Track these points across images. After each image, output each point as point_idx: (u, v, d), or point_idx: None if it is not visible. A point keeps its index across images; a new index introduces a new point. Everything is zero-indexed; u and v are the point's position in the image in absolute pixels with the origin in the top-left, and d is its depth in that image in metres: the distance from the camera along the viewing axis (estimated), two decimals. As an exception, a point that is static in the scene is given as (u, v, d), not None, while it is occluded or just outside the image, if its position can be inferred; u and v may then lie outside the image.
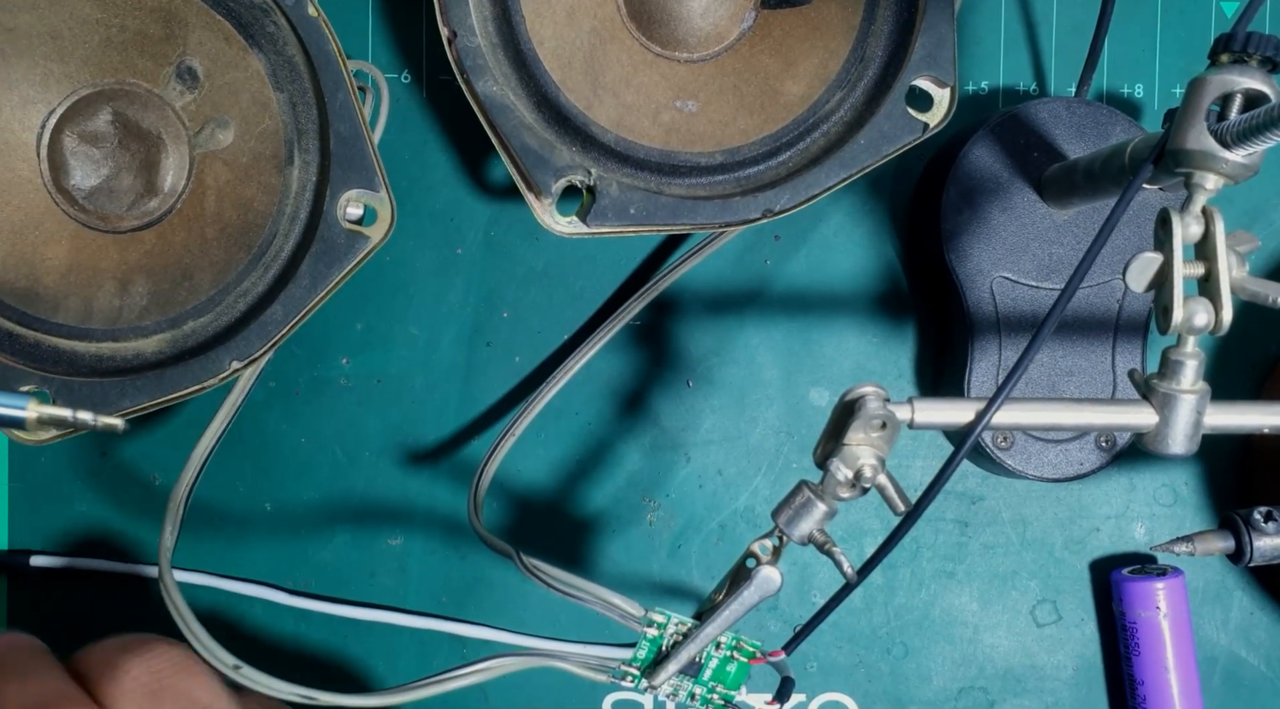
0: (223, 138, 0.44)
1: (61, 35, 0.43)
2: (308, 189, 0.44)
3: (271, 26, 0.43)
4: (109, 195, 0.44)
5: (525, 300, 0.50)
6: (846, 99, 0.45)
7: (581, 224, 0.44)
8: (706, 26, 0.45)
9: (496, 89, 0.43)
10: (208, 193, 0.44)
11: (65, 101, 0.43)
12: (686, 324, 0.50)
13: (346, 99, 0.42)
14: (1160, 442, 0.33)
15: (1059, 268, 0.47)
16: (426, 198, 0.49)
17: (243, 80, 0.43)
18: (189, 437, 0.47)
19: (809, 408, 0.50)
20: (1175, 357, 0.33)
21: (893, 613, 0.51)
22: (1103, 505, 0.51)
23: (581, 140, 0.44)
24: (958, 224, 0.46)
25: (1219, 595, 0.51)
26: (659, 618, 0.38)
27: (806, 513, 0.34)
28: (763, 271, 0.50)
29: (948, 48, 0.44)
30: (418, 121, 0.49)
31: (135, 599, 0.49)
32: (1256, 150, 0.33)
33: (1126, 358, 0.47)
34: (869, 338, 0.50)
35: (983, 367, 0.46)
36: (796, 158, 0.45)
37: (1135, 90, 0.51)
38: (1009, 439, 0.47)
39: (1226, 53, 0.34)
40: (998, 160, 0.46)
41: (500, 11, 0.44)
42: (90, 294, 0.43)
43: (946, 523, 0.51)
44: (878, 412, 0.32)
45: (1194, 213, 0.33)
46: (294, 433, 0.49)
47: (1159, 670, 0.48)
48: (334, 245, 0.43)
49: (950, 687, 0.51)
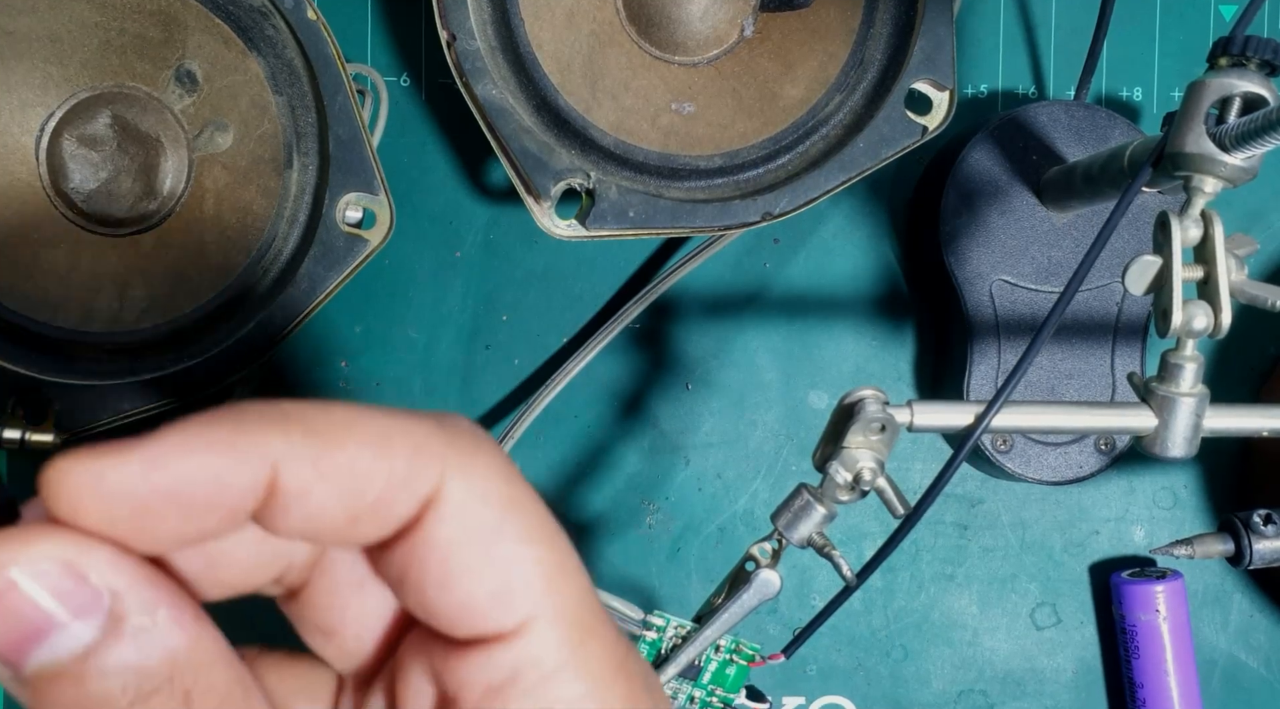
0: (222, 141, 0.44)
1: (61, 39, 0.43)
2: (307, 192, 0.44)
3: (271, 30, 0.43)
4: (108, 198, 0.44)
5: (524, 303, 0.50)
6: (846, 102, 0.45)
7: (580, 227, 0.44)
8: (705, 30, 0.45)
9: (496, 92, 0.43)
10: (207, 196, 0.44)
11: (64, 105, 0.43)
12: (686, 327, 0.50)
13: (346, 102, 0.42)
14: (1159, 445, 0.33)
15: (1058, 271, 0.47)
16: (425, 201, 0.49)
17: (242, 83, 0.43)
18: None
19: (808, 411, 0.50)
20: (1174, 360, 0.33)
21: (892, 616, 0.50)
22: (1102, 508, 0.51)
23: (580, 143, 0.44)
24: (957, 227, 0.46)
25: (1218, 598, 0.51)
26: (658, 621, 0.38)
27: (806, 516, 0.34)
28: (762, 274, 0.50)
29: (946, 51, 0.44)
30: (417, 125, 0.49)
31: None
32: (1255, 153, 0.33)
33: (1126, 361, 0.47)
34: (868, 341, 0.50)
35: (982, 369, 0.46)
36: (796, 161, 0.45)
37: (1134, 93, 0.51)
38: (1008, 442, 0.47)
39: (1225, 56, 0.34)
40: (997, 163, 0.46)
41: (499, 15, 0.44)
42: (89, 297, 0.43)
43: (946, 526, 0.51)
44: (877, 415, 0.32)
45: (1193, 216, 0.33)
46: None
47: (1159, 673, 0.48)
48: (333, 248, 0.43)
49: (949, 690, 0.51)
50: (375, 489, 0.19)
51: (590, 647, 0.20)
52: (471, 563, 0.19)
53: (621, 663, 0.20)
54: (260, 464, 0.18)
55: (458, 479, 0.19)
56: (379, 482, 0.19)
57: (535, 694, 0.19)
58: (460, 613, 0.19)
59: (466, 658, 0.20)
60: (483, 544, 0.19)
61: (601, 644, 0.20)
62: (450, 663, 0.20)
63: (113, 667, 0.17)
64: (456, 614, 0.20)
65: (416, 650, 0.21)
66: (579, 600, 0.20)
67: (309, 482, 0.18)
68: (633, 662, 0.21)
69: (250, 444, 0.18)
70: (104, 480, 0.17)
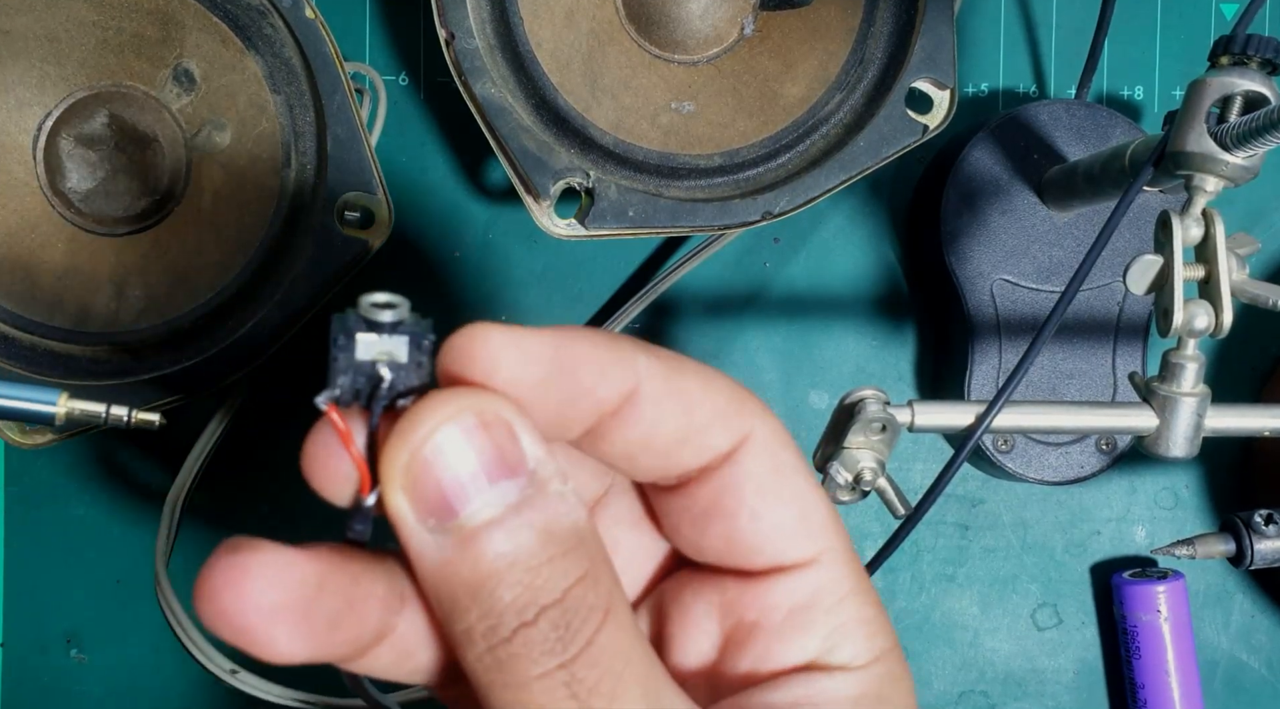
0: (219, 140, 0.44)
1: (58, 38, 0.42)
2: (305, 191, 0.44)
3: (269, 29, 0.43)
4: (105, 198, 0.44)
5: (524, 303, 0.50)
6: (846, 101, 0.45)
7: (580, 226, 0.43)
8: (705, 29, 0.45)
9: (495, 91, 0.43)
10: (204, 195, 0.44)
11: (61, 104, 0.43)
12: (686, 327, 0.50)
13: (344, 101, 0.42)
14: (1161, 444, 0.33)
15: (1059, 270, 0.46)
16: (424, 200, 0.49)
17: (240, 82, 0.43)
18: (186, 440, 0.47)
19: (809, 411, 0.50)
20: (1176, 359, 0.33)
21: (893, 617, 0.50)
22: (1103, 508, 0.51)
23: (580, 142, 0.44)
24: (958, 226, 0.46)
25: (1220, 599, 0.51)
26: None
27: (806, 517, 0.34)
28: (762, 274, 0.50)
29: (947, 50, 0.44)
30: (415, 124, 0.49)
31: (132, 604, 0.49)
32: (1257, 152, 0.32)
33: (1127, 360, 0.47)
34: (869, 340, 0.50)
35: (983, 369, 0.46)
36: (796, 160, 0.45)
37: (1135, 92, 0.50)
38: (1009, 442, 0.47)
39: (1226, 55, 0.34)
40: (998, 162, 0.46)
41: (498, 13, 0.44)
42: (87, 297, 0.43)
43: (947, 526, 0.50)
44: (878, 415, 0.32)
45: (1194, 215, 0.33)
46: (291, 437, 0.49)
47: (1160, 674, 0.48)
48: (331, 248, 0.43)
49: (951, 691, 0.50)
50: (704, 415, 0.21)
51: (867, 581, 0.23)
52: (782, 494, 0.22)
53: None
54: (631, 369, 0.20)
55: (767, 422, 0.22)
56: (707, 409, 0.21)
57: (836, 612, 0.22)
58: (768, 541, 0.22)
59: (766, 586, 0.22)
60: (788, 480, 0.22)
61: (869, 582, 0.23)
62: (747, 594, 0.22)
63: (531, 524, 0.19)
64: (764, 542, 0.22)
65: (693, 591, 0.23)
66: (849, 540, 0.23)
67: (661, 394, 0.21)
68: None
69: (628, 353, 0.20)
70: (521, 344, 0.19)
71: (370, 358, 0.18)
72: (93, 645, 0.49)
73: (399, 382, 0.18)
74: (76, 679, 0.49)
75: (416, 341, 0.18)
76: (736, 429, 0.22)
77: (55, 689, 0.49)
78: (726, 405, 0.22)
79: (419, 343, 0.18)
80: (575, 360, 0.20)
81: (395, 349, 0.18)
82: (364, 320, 0.18)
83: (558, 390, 0.20)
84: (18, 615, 0.49)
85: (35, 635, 0.49)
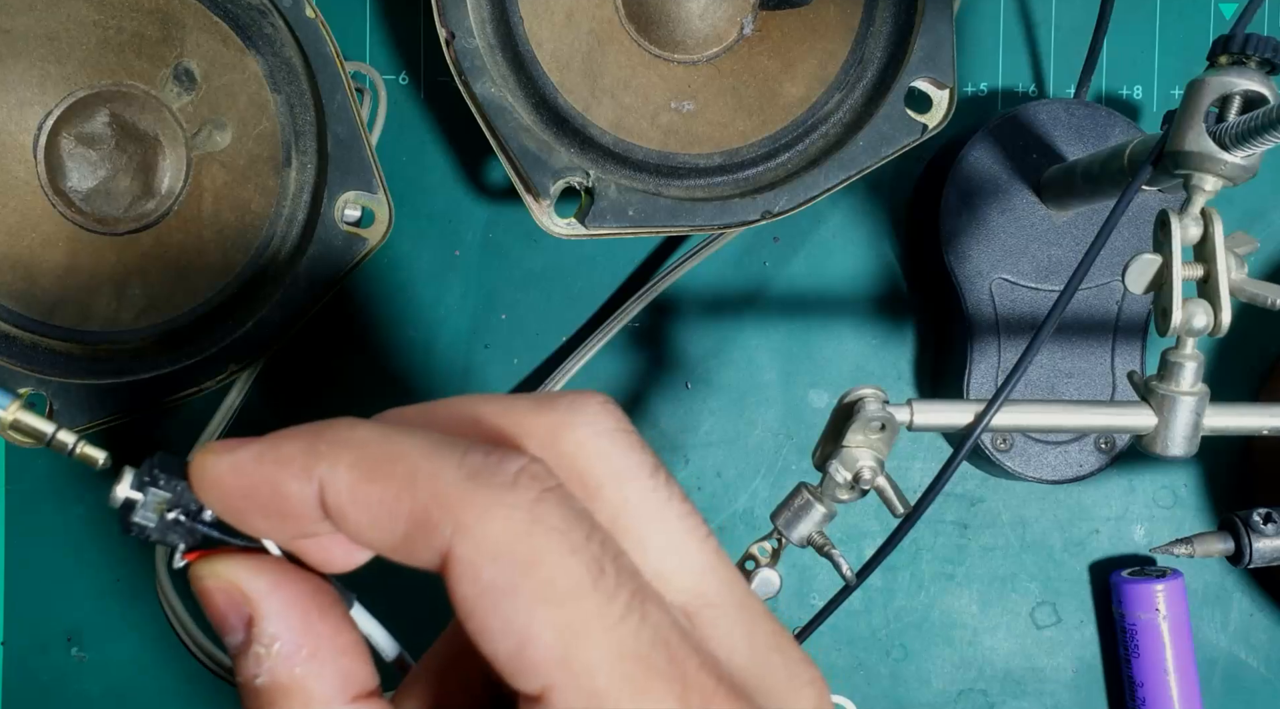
0: (220, 139, 0.44)
1: (59, 37, 0.43)
2: (305, 191, 0.44)
3: (269, 28, 0.43)
4: (106, 197, 0.44)
5: (523, 302, 0.50)
6: (845, 100, 0.45)
7: (580, 226, 0.43)
8: (705, 28, 0.45)
9: (495, 90, 0.43)
10: (205, 195, 0.44)
11: (62, 103, 0.43)
12: (685, 326, 0.50)
13: (344, 100, 0.42)
14: (1159, 443, 0.33)
15: (1058, 269, 0.47)
16: (424, 199, 0.49)
17: (240, 82, 0.43)
18: (187, 439, 0.47)
19: (808, 410, 0.50)
20: (1174, 358, 0.33)
21: (892, 615, 0.50)
22: (1102, 507, 0.51)
23: (580, 142, 0.44)
24: (957, 226, 0.46)
25: (1218, 597, 0.51)
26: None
27: (805, 515, 0.34)
28: (762, 273, 0.50)
29: (946, 49, 0.44)
30: (415, 123, 0.49)
31: (132, 603, 0.49)
32: (1255, 152, 0.32)
33: (1126, 359, 0.47)
34: (868, 339, 0.50)
35: (982, 368, 0.46)
36: (795, 159, 0.45)
37: (1134, 92, 0.50)
38: (1008, 441, 0.47)
39: (1225, 54, 0.34)
40: (997, 162, 0.46)
41: (498, 13, 0.44)
42: (87, 296, 0.43)
43: (946, 525, 0.50)
44: (877, 413, 0.32)
45: (1193, 214, 0.33)
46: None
47: (1158, 672, 0.48)
48: (331, 247, 0.43)
49: (949, 689, 0.50)
50: (400, 527, 0.20)
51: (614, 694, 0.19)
52: (491, 627, 0.19)
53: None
54: (308, 482, 0.20)
55: (464, 536, 0.19)
56: (400, 522, 0.20)
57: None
58: (505, 674, 0.19)
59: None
60: (497, 607, 0.19)
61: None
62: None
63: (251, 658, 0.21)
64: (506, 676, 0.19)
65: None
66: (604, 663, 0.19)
67: (344, 506, 0.20)
68: None
69: (304, 465, 0.20)
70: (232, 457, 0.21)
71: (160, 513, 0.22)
72: (93, 644, 0.49)
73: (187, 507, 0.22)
74: (77, 678, 0.49)
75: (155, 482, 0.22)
76: (434, 545, 0.19)
77: (55, 688, 0.49)
78: (425, 515, 0.19)
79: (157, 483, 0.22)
80: (254, 481, 0.21)
81: (160, 496, 0.22)
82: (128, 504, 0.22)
83: (263, 501, 0.21)
84: (18, 614, 0.49)
85: (36, 634, 0.49)
